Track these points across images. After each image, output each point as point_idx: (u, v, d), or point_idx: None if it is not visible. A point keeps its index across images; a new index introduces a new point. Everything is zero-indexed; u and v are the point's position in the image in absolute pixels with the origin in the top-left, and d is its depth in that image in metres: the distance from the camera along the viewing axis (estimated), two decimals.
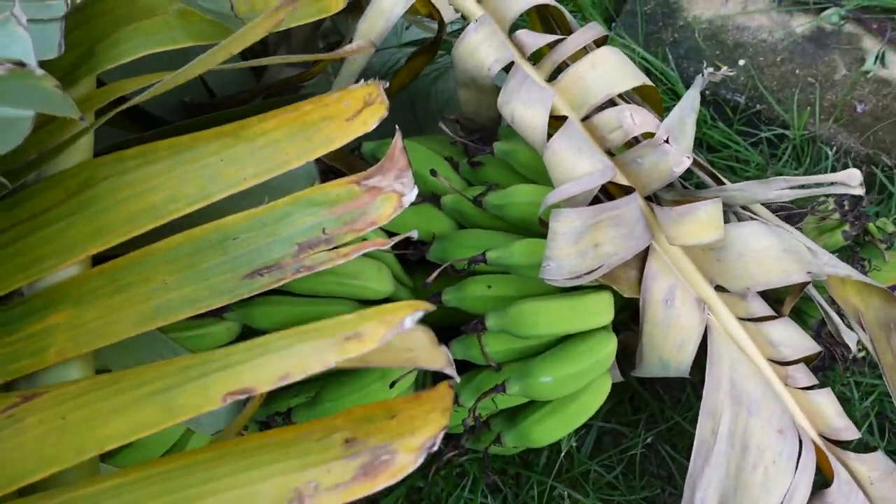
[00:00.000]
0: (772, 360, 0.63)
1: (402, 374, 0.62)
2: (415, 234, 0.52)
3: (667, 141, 0.56)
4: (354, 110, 0.59)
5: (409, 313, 0.40)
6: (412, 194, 0.50)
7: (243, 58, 0.72)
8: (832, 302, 0.63)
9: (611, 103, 0.66)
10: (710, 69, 0.66)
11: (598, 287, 0.63)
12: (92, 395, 0.45)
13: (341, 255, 0.54)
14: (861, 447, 0.76)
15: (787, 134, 1.03)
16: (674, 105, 1.08)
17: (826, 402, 0.63)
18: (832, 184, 0.59)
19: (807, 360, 0.64)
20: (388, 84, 0.55)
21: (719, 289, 0.61)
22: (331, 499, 0.45)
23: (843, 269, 0.55)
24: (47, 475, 0.40)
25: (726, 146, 1.05)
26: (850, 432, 0.61)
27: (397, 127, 0.54)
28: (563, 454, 0.79)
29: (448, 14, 0.65)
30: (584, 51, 0.66)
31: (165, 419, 0.39)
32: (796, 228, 0.64)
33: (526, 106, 0.62)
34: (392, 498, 0.78)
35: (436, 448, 0.46)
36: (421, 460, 0.46)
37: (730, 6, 1.18)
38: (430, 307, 0.44)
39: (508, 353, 0.65)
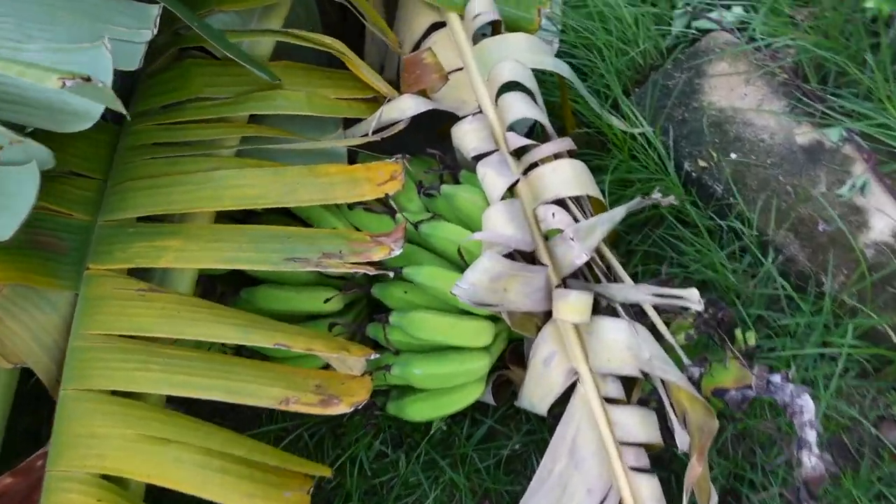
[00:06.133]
0: (615, 438, 0.94)
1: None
2: (391, 274, 0.98)
3: (572, 238, 0.88)
4: (383, 179, 1.08)
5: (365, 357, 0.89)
6: (397, 251, 0.93)
7: None
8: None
9: (561, 201, 0.97)
10: (657, 195, 0.96)
11: (486, 317, 1.01)
12: (189, 307, 0.88)
13: (345, 266, 0.92)
14: None
15: (744, 231, 1.29)
16: (650, 175, 1.35)
17: (647, 486, 0.93)
18: (679, 297, 0.90)
19: (648, 447, 0.96)
20: (409, 159, 1.01)
21: None
22: (301, 408, 0.86)
23: (672, 375, 0.89)
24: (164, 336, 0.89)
25: (693, 226, 1.34)
26: None
27: (406, 218, 1.04)
28: (460, 434, 1.22)
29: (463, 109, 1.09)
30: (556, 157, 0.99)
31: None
32: (667, 321, 0.96)
33: (496, 174, 1.02)
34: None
35: (359, 407, 0.85)
36: (350, 410, 0.85)
37: (747, 100, 1.42)
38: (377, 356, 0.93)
39: (406, 344, 1.05)
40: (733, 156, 1.42)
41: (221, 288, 1.14)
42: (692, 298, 0.91)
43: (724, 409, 1.05)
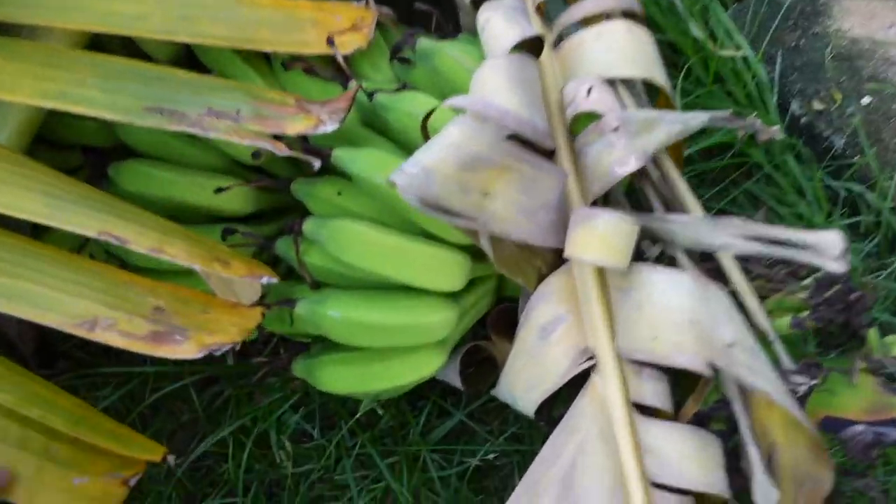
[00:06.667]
0: (644, 474, 0.53)
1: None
2: (317, 164, 0.60)
3: (617, 129, 0.50)
4: (340, 27, 0.66)
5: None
6: (328, 128, 0.57)
7: None
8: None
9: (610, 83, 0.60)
10: (756, 120, 0.56)
11: (462, 247, 0.62)
12: None
13: (239, 133, 0.58)
14: None
15: (871, 203, 0.89)
16: (741, 110, 0.96)
17: None
18: (803, 247, 0.51)
19: (702, 498, 0.54)
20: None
21: None
22: (114, 339, 0.50)
23: (763, 381, 0.50)
24: None
25: (795, 190, 0.93)
26: None
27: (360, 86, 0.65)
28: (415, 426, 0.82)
29: None
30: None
31: None
32: (762, 296, 0.57)
33: (506, 21, 0.60)
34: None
35: (219, 353, 0.50)
36: (200, 355, 0.49)
37: (893, 33, 1.01)
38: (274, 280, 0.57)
39: (328, 274, 0.64)
40: (866, 101, 1.02)
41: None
42: (830, 247, 0.48)
43: (836, 451, 0.65)
